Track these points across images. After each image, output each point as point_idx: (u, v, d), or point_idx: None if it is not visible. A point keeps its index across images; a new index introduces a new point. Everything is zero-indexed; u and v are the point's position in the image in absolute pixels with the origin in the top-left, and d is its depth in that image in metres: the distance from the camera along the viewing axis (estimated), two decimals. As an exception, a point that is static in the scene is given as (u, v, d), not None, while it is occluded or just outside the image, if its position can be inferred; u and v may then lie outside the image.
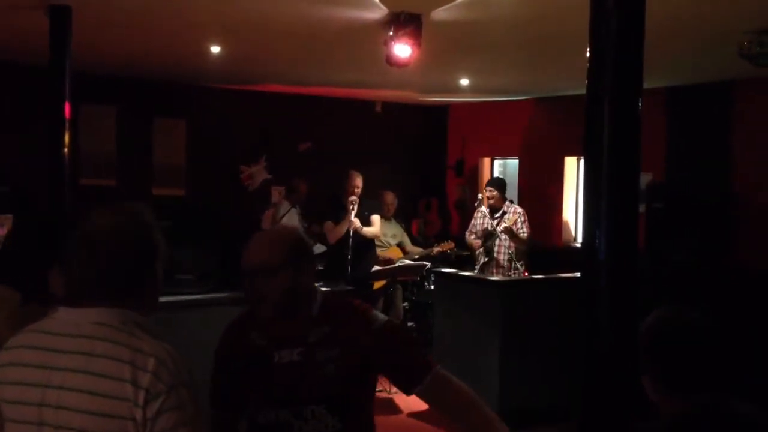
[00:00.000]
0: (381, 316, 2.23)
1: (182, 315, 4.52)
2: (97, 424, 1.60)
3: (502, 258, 6.99)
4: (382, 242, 7.95)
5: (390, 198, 8.30)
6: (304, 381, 2.12)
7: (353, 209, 7.04)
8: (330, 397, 2.13)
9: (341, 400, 2.14)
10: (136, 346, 1.65)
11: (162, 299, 1.86)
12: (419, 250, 8.55)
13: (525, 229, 6.97)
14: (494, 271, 7.01)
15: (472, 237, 7.32)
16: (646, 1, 3.18)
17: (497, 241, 6.99)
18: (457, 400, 2.16)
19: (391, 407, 6.41)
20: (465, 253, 8.13)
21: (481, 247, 7.12)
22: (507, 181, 7.43)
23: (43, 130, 5.51)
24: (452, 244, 8.77)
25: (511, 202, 7.29)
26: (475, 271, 7.10)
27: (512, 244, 6.93)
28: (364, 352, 2.14)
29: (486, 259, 7.07)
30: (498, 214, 7.05)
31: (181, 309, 4.41)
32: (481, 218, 7.29)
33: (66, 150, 5.37)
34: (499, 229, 6.92)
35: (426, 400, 2.21)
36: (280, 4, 4.87)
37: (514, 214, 6.93)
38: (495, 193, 7.08)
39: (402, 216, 9.18)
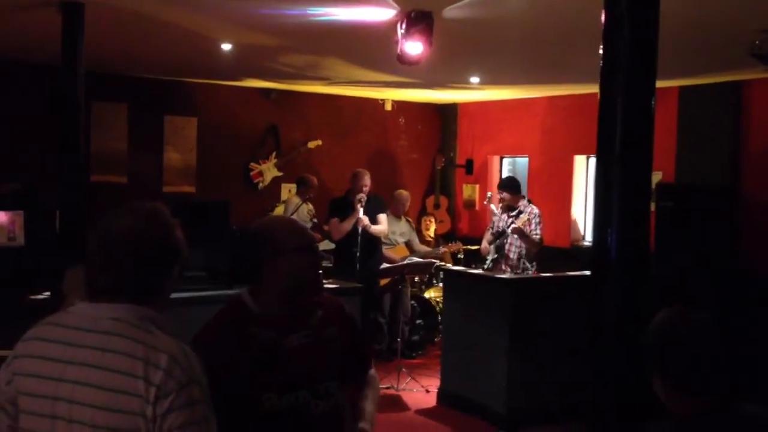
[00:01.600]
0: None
1: (192, 311, 4.52)
2: (109, 419, 1.61)
3: (512, 256, 6.95)
4: (389, 240, 7.95)
5: (404, 196, 8.31)
6: (318, 359, 2.21)
7: (361, 207, 7.06)
8: (338, 373, 2.25)
9: (344, 376, 2.29)
10: (150, 343, 1.66)
11: (173, 295, 1.86)
12: (427, 249, 8.55)
13: (538, 231, 6.86)
14: (504, 268, 6.98)
15: (488, 234, 7.25)
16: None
17: (508, 240, 6.94)
18: (368, 393, 2.39)
19: (399, 404, 6.42)
20: (474, 247, 8.13)
21: (492, 245, 7.10)
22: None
23: (55, 127, 5.54)
24: (460, 245, 8.76)
25: (530, 201, 7.19)
26: (485, 267, 7.07)
27: (522, 244, 6.89)
28: (351, 329, 2.38)
29: (496, 256, 7.05)
30: (514, 213, 6.99)
31: (192, 305, 4.41)
32: (497, 217, 7.24)
33: (78, 147, 5.38)
34: (509, 229, 6.88)
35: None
36: (291, 1, 4.88)
37: (528, 215, 6.87)
38: (505, 194, 7.01)
39: (411, 214, 9.17)
